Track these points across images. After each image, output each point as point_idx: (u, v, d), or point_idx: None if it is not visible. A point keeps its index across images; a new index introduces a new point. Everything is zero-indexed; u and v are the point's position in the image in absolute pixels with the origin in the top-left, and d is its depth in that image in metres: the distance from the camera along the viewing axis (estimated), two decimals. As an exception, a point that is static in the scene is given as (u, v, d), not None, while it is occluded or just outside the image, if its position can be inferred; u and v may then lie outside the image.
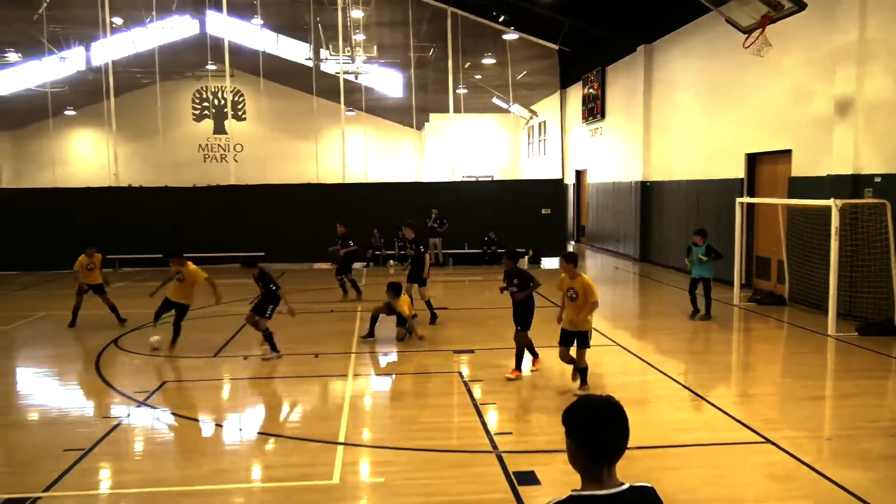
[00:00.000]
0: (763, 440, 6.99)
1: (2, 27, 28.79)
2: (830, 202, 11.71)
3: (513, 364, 9.42)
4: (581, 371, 8.67)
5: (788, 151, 14.68)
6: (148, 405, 8.45)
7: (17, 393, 9.60)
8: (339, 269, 15.91)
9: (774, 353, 11.35)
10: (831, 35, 13.02)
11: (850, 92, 12.55)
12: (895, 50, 11.82)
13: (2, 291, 17.99)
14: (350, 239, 15.68)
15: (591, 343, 8.66)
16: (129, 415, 8.16)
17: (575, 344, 8.52)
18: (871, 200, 12.09)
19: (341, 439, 7.19)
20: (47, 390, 9.56)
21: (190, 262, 11.38)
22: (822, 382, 9.43)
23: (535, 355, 9.81)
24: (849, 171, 12.63)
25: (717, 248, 13.12)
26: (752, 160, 16.45)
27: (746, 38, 12.08)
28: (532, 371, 9.70)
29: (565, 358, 8.73)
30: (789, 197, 14.37)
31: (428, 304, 12.96)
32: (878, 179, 12.16)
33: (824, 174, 13.27)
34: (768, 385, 9.33)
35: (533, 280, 9.37)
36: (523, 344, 9.42)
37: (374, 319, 11.65)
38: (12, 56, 33.25)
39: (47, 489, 6.04)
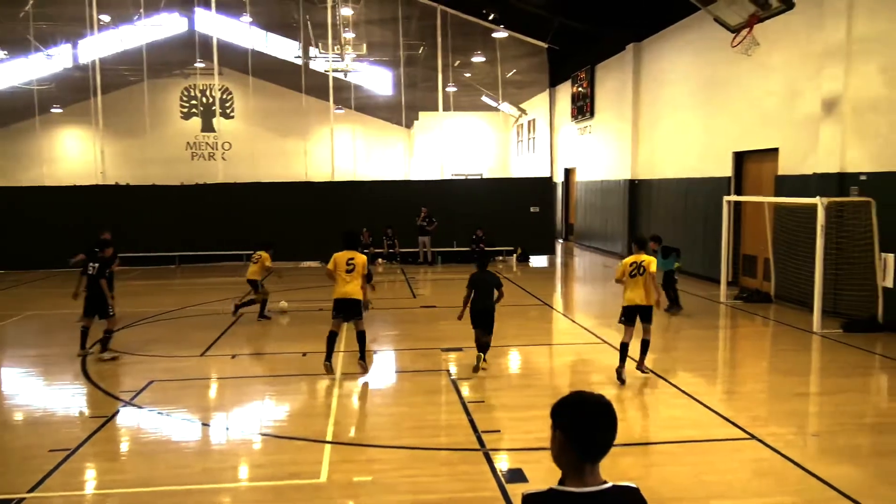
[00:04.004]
0: (749, 437, 7.03)
1: (-13, 24, 28.53)
2: (816, 200, 11.80)
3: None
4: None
5: (775, 150, 14.75)
6: (134, 405, 8.41)
7: (1, 393, 9.53)
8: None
9: (761, 351, 11.41)
10: (819, 34, 13.09)
11: (837, 90, 12.63)
12: (881, 49, 11.89)
13: (-13, 290, 17.85)
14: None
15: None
16: (115, 414, 8.12)
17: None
18: (856, 198, 12.18)
19: (329, 438, 7.18)
20: (32, 390, 9.49)
21: None
22: (808, 379, 9.50)
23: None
24: (835, 170, 12.71)
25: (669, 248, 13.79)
26: (740, 158, 16.53)
27: (735, 37, 12.12)
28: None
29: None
30: (776, 195, 14.45)
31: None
32: (863, 177, 12.25)
33: (810, 172, 13.35)
34: (755, 382, 9.38)
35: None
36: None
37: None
38: (-2, 53, 32.96)
39: (32, 490, 5.99)
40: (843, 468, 6.25)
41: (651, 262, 9.03)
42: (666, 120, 20.25)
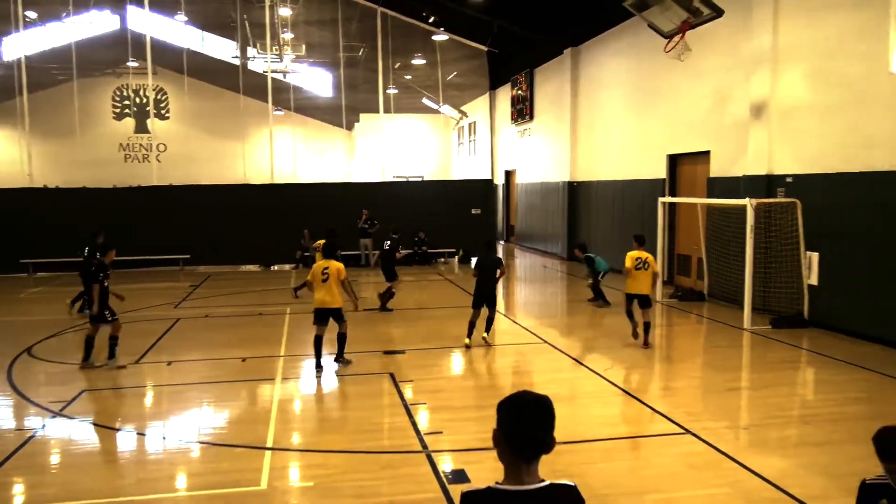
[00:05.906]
0: (684, 431, 7.23)
1: None
2: (746, 201, 12.22)
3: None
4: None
5: (707, 153, 15.22)
6: (65, 415, 8.12)
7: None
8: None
9: (694, 347, 11.76)
10: (747, 41, 13.57)
11: (765, 95, 13.12)
12: (805, 55, 12.40)
13: None
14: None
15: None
16: (44, 426, 7.82)
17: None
18: (783, 199, 12.65)
19: (269, 444, 7.07)
20: (-45, 402, 9.06)
21: None
22: (739, 374, 9.82)
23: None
24: (763, 172, 13.19)
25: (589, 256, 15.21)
26: (674, 161, 16.98)
27: (667, 43, 12.46)
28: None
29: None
30: (708, 196, 14.90)
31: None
32: (789, 179, 12.74)
33: (740, 174, 13.82)
34: (689, 378, 9.65)
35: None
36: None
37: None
38: (-86, 50, 31.34)
39: (-46, 507, 5.74)
40: (773, 459, 6.49)
41: (652, 260, 10.90)
42: (603, 123, 20.65)
